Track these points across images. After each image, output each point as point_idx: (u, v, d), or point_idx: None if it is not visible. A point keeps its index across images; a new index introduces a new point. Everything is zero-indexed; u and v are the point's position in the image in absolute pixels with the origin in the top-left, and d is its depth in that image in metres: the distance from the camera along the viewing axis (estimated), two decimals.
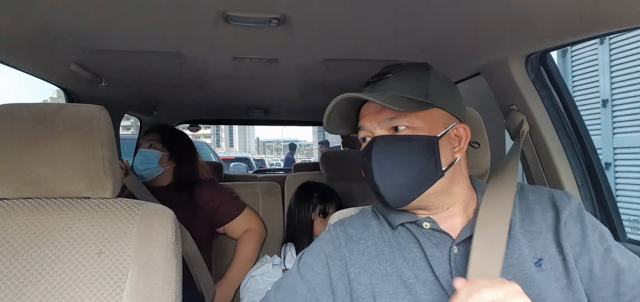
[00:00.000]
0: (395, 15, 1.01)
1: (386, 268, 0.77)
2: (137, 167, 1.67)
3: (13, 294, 0.86)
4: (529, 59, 1.15)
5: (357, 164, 0.82)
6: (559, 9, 0.87)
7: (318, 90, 2.09)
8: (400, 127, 0.76)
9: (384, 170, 0.75)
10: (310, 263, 0.81)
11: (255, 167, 9.45)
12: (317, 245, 0.84)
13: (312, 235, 1.65)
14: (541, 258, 0.74)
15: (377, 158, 0.76)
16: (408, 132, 0.75)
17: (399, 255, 0.78)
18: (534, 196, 0.81)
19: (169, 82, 1.91)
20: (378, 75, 0.82)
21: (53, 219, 0.93)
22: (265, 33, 1.15)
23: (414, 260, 0.77)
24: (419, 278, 0.75)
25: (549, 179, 1.19)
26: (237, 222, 1.75)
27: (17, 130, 0.91)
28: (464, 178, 0.81)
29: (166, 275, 0.90)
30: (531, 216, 0.78)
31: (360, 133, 0.82)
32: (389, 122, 0.76)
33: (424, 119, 0.76)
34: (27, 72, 1.42)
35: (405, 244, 0.79)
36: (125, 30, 1.15)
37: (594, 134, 6.33)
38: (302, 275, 0.80)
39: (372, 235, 0.82)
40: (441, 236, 0.78)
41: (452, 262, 0.75)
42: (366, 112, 0.80)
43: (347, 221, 0.86)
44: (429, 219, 0.78)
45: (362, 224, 0.85)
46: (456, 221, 0.79)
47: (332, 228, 0.86)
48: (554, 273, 0.73)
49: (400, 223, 0.80)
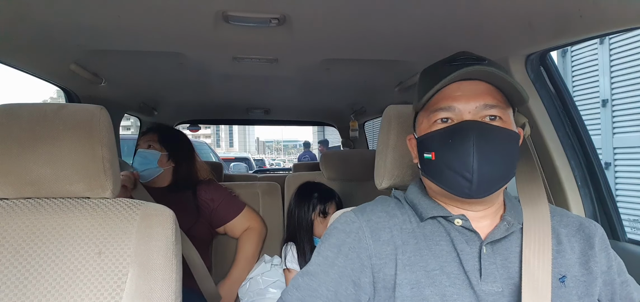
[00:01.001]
0: (394, 15, 1.01)
1: (410, 258, 0.76)
2: (136, 168, 1.66)
3: (13, 294, 0.86)
4: (529, 59, 1.15)
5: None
6: (559, 9, 0.87)
7: (318, 90, 2.10)
8: (496, 116, 0.74)
9: (484, 156, 0.71)
10: (332, 257, 0.77)
11: (255, 167, 9.45)
12: (338, 237, 0.79)
13: (312, 235, 1.65)
14: (565, 275, 0.75)
15: (479, 143, 0.71)
16: (500, 123, 0.74)
17: (424, 246, 0.77)
18: (560, 218, 0.83)
19: (169, 82, 1.91)
20: (470, 58, 0.77)
21: (53, 219, 0.93)
22: (265, 33, 1.15)
23: (441, 252, 0.76)
24: (444, 270, 0.74)
25: (549, 179, 1.19)
26: (237, 222, 1.75)
27: (17, 130, 0.91)
28: None
29: (166, 275, 0.90)
30: (557, 236, 0.79)
31: (439, 114, 0.76)
32: (487, 109, 0.74)
33: (510, 114, 0.76)
34: (27, 72, 1.42)
35: (433, 237, 0.78)
36: (125, 30, 1.15)
37: (594, 134, 6.33)
38: (324, 271, 0.76)
39: (397, 224, 0.80)
40: (471, 235, 0.77)
41: (482, 260, 0.75)
42: (459, 93, 0.75)
43: (368, 209, 0.83)
44: (463, 217, 0.77)
45: (385, 213, 0.82)
46: (486, 223, 0.79)
47: (353, 217, 0.81)
48: (576, 292, 0.74)
49: (432, 216, 0.79)
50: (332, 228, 0.82)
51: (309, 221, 1.66)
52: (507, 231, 0.77)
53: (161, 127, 1.80)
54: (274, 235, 1.92)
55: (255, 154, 36.85)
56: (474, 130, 0.72)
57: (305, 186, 1.76)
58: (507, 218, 0.78)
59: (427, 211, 0.79)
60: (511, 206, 0.81)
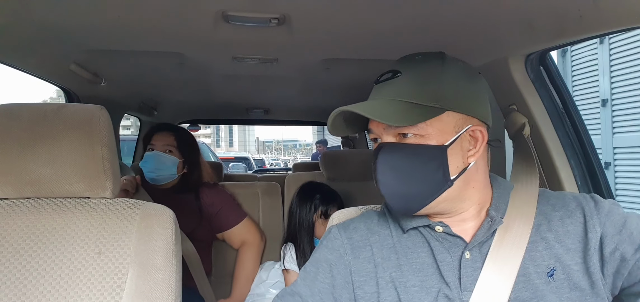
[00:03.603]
0: (394, 15, 1.01)
1: (391, 274, 0.75)
2: (150, 170, 1.62)
3: (13, 294, 0.86)
4: (529, 59, 1.15)
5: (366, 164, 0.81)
6: (559, 9, 0.87)
7: (318, 90, 2.10)
8: (408, 134, 0.72)
9: (388, 179, 0.73)
10: (314, 273, 0.79)
11: (255, 167, 9.41)
12: (320, 253, 0.82)
13: (313, 236, 1.65)
14: (554, 268, 0.71)
15: (382, 167, 0.73)
16: (415, 140, 0.71)
17: (405, 261, 0.76)
18: (555, 201, 0.78)
19: (169, 82, 1.91)
20: (387, 73, 0.77)
21: (53, 219, 0.93)
22: (265, 33, 1.15)
23: (421, 266, 0.75)
24: (424, 285, 0.73)
25: (549, 179, 1.19)
26: (236, 231, 1.72)
27: (17, 130, 0.91)
28: (479, 181, 0.76)
29: (166, 275, 0.90)
30: (549, 223, 0.75)
31: (371, 135, 0.79)
32: (395, 129, 0.73)
33: (433, 125, 0.71)
34: (27, 72, 1.42)
35: (414, 249, 0.77)
36: (125, 30, 1.15)
37: (594, 133, 6.33)
38: (306, 286, 0.78)
39: (377, 241, 0.80)
40: (454, 240, 0.75)
41: (462, 268, 0.73)
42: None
43: (351, 226, 0.83)
44: (442, 223, 0.76)
45: (367, 229, 0.82)
46: (469, 225, 0.77)
47: (336, 234, 0.83)
48: (568, 284, 0.70)
49: (412, 227, 0.78)
50: (319, 244, 0.85)
51: (310, 222, 1.65)
52: (490, 229, 0.74)
53: (179, 129, 1.76)
54: (274, 235, 1.92)
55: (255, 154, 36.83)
56: (379, 154, 0.74)
57: (307, 186, 1.75)
58: (491, 213, 0.75)
59: (407, 223, 0.78)
60: (499, 196, 0.78)
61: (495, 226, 0.74)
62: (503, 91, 1.23)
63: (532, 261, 0.72)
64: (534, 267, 0.72)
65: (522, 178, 0.85)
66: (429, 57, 0.76)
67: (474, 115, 0.74)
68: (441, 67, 0.74)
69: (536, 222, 0.75)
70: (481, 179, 0.77)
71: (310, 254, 1.61)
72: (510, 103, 1.21)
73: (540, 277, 0.71)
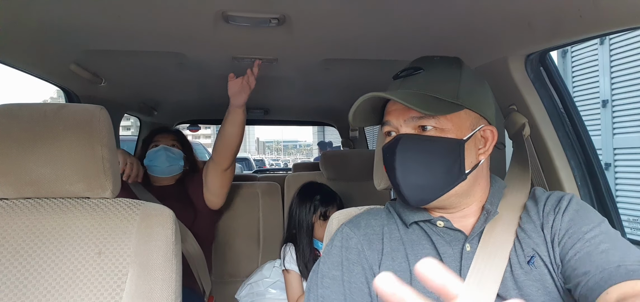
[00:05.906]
0: (394, 15, 1.01)
1: (401, 264, 0.78)
2: (162, 162, 1.67)
3: (13, 294, 0.86)
4: (529, 59, 1.15)
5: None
6: (559, 9, 0.87)
7: (318, 90, 2.10)
8: (427, 127, 0.75)
9: (407, 169, 0.75)
10: (340, 277, 0.79)
11: (255, 167, 9.39)
12: (340, 254, 0.82)
13: (312, 237, 1.65)
14: (533, 255, 0.74)
15: (401, 157, 0.75)
16: (435, 133, 0.75)
17: (411, 252, 0.79)
18: (540, 194, 0.81)
19: (169, 82, 1.91)
20: (408, 69, 0.81)
21: (53, 219, 0.93)
22: (265, 33, 1.15)
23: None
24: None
25: (549, 179, 1.19)
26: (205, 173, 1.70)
27: (17, 130, 0.91)
28: (484, 179, 0.81)
29: (166, 275, 0.90)
30: (528, 215, 0.79)
31: (385, 127, 0.81)
32: (416, 121, 0.75)
33: (452, 121, 0.75)
34: (27, 72, 1.42)
35: (418, 241, 0.80)
36: (125, 30, 1.15)
37: (594, 134, 6.34)
38: (335, 292, 0.78)
39: (388, 233, 0.83)
40: (455, 234, 0.78)
41: (464, 260, 0.76)
42: (393, 108, 0.79)
43: (363, 223, 0.85)
44: (443, 218, 0.79)
45: (378, 224, 0.85)
46: (469, 220, 0.80)
47: (351, 233, 0.84)
48: (547, 269, 0.73)
49: (414, 221, 0.80)
50: (332, 246, 0.84)
51: (309, 223, 1.65)
52: (486, 221, 0.77)
53: (178, 131, 1.89)
54: (273, 235, 1.92)
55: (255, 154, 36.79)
56: (398, 144, 0.76)
57: (308, 186, 1.75)
58: (486, 207, 0.78)
59: (409, 217, 0.81)
60: (494, 193, 0.81)
61: (491, 217, 0.78)
62: (503, 91, 1.23)
63: (514, 253, 0.76)
64: (514, 258, 0.75)
65: (517, 176, 0.88)
66: (447, 59, 0.82)
67: (485, 116, 0.79)
68: (459, 70, 0.80)
69: (522, 215, 0.79)
70: (485, 177, 0.82)
71: (309, 255, 1.63)
72: (510, 103, 1.21)
73: (523, 266, 0.74)
